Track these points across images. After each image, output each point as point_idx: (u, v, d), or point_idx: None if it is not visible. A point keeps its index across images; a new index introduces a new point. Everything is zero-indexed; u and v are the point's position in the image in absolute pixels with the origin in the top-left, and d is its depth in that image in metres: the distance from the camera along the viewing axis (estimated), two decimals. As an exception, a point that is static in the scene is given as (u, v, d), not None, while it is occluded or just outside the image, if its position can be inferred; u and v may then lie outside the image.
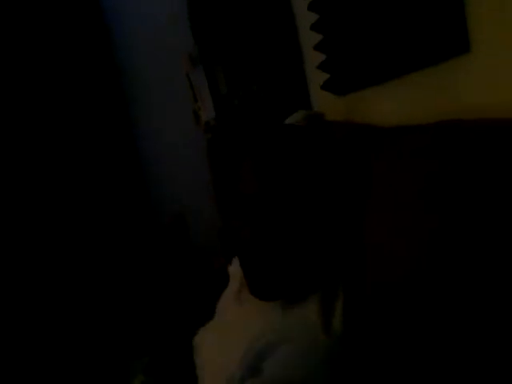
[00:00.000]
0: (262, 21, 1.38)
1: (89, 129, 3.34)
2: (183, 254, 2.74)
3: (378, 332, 0.66)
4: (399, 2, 0.79)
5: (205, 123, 2.04)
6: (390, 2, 0.81)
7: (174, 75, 2.32)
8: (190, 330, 1.03)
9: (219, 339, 0.88)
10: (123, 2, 2.92)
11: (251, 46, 1.48)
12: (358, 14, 0.91)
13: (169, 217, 2.96)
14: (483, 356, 0.51)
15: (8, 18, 3.13)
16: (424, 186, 0.61)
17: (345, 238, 0.79)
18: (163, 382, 1.24)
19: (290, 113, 1.05)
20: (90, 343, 2.85)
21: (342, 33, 0.98)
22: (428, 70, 0.78)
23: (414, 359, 0.59)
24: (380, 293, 0.67)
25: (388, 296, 0.65)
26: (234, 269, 0.98)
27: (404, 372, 0.61)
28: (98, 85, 3.36)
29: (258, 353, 0.73)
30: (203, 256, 2.37)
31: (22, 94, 3.16)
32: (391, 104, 0.92)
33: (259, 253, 0.76)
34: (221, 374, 0.80)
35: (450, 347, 0.54)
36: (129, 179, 3.44)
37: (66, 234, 3.20)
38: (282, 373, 0.69)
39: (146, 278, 3.06)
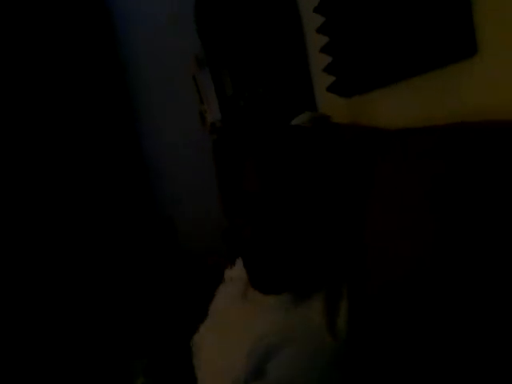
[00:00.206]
0: (269, 23, 1.38)
1: (92, 128, 3.35)
2: (171, 257, 2.76)
3: (381, 332, 0.66)
4: (405, 4, 0.79)
5: (211, 124, 2.05)
6: (397, 4, 0.81)
7: (179, 75, 2.33)
8: (188, 330, 1.02)
9: (220, 340, 0.88)
10: (128, 1, 2.93)
11: (257, 49, 1.48)
12: (364, 17, 0.91)
13: (161, 219, 2.98)
14: (486, 356, 0.50)
15: (12, 15, 3.14)
16: (429, 187, 0.61)
17: (348, 237, 0.78)
18: None
19: (295, 115, 1.05)
20: (89, 345, 2.85)
21: (348, 35, 0.98)
22: (434, 72, 0.78)
23: (418, 360, 0.59)
24: (382, 293, 0.66)
25: (390, 296, 0.65)
26: (238, 270, 0.97)
27: (407, 372, 0.61)
28: (101, 84, 3.38)
29: (261, 354, 0.73)
30: (199, 257, 2.37)
31: (24, 92, 3.17)
32: (397, 106, 0.92)
33: (259, 250, 0.77)
34: (223, 376, 0.79)
35: (452, 347, 0.54)
36: (132, 179, 3.45)
37: (66, 234, 3.21)
38: (287, 374, 0.69)
39: (146, 279, 3.06)
